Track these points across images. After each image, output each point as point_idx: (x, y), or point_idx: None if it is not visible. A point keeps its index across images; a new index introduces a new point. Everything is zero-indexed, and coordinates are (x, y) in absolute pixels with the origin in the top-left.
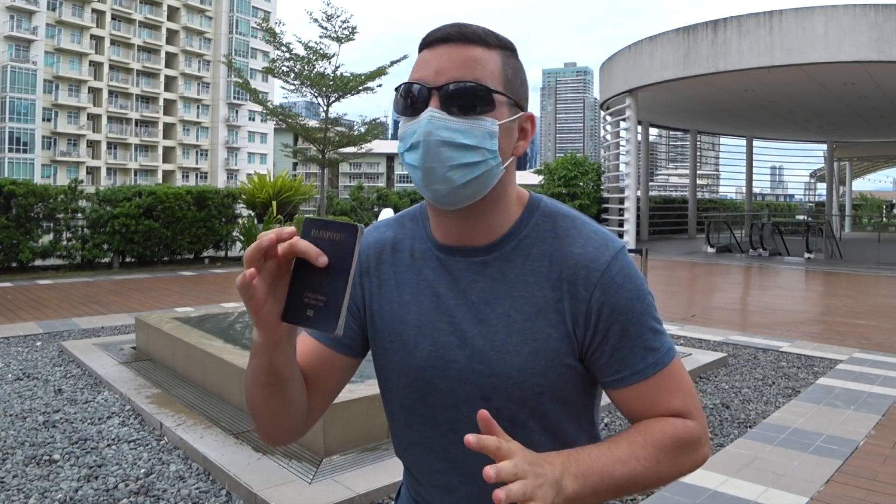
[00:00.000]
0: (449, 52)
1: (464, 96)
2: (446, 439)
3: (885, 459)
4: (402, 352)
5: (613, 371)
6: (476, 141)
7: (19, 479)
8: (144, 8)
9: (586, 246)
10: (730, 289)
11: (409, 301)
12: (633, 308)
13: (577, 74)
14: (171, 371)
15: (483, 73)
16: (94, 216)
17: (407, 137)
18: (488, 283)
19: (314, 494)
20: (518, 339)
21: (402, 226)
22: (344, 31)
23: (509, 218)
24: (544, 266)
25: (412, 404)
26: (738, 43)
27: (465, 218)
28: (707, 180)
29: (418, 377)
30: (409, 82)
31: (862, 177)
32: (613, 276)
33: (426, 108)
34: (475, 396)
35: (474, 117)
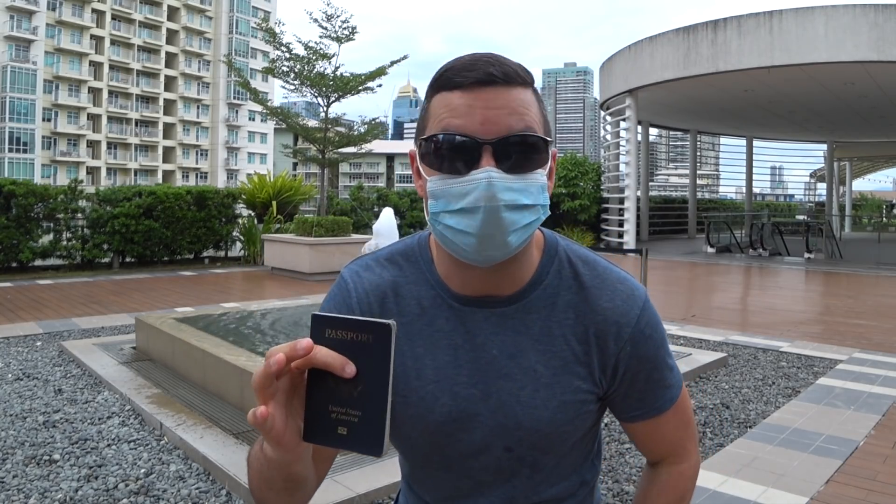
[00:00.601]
0: (495, 96)
1: (522, 152)
2: (461, 482)
3: (885, 459)
4: (418, 406)
5: (632, 409)
6: (534, 199)
7: (19, 479)
8: (144, 8)
9: (614, 300)
10: (730, 289)
11: (422, 354)
12: (657, 356)
13: (577, 74)
14: (171, 371)
15: (532, 120)
16: (94, 216)
17: (452, 198)
18: (510, 336)
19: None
20: (546, 393)
21: (400, 267)
22: (344, 31)
23: (531, 264)
24: (570, 318)
25: (427, 453)
26: (738, 43)
27: (491, 271)
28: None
29: (437, 430)
30: (453, 133)
31: (862, 177)
32: (643, 329)
33: (478, 167)
34: (497, 447)
35: (530, 172)
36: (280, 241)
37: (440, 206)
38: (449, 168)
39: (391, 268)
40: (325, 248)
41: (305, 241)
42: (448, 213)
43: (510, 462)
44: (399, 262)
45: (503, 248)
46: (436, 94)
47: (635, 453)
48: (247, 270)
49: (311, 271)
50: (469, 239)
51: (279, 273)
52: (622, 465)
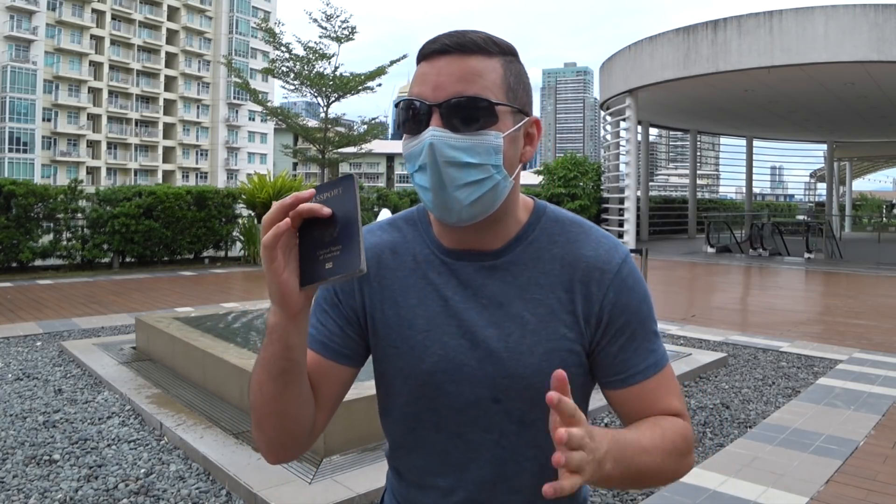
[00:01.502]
0: (447, 64)
1: (465, 112)
2: (450, 443)
3: (885, 459)
4: (409, 356)
5: (616, 371)
6: (480, 158)
7: (19, 479)
8: (144, 8)
9: (597, 249)
10: (730, 289)
11: (415, 305)
12: (640, 309)
13: (577, 74)
14: (171, 371)
15: (484, 84)
16: (94, 216)
17: (413, 158)
18: (499, 286)
19: (314, 494)
20: (533, 339)
21: (399, 230)
22: (343, 31)
23: (517, 223)
24: (556, 268)
25: (417, 410)
26: (738, 43)
27: (476, 230)
28: (707, 180)
29: (426, 381)
30: (409, 98)
31: (862, 177)
32: (624, 278)
33: (427, 127)
34: (486, 398)
35: (478, 133)
36: None
37: (410, 166)
38: (411, 130)
39: (392, 231)
40: None
41: None
42: (415, 172)
43: (499, 416)
44: (400, 226)
45: (455, 202)
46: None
47: None
48: (247, 270)
49: None
50: (428, 194)
51: None
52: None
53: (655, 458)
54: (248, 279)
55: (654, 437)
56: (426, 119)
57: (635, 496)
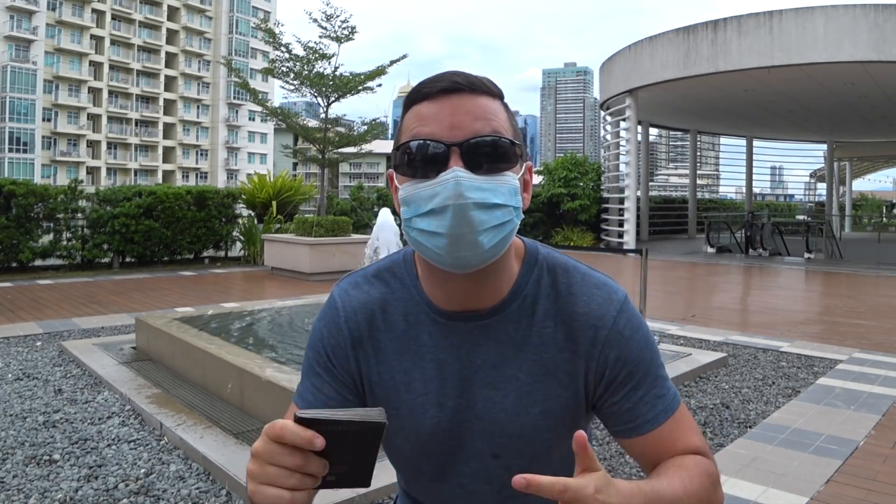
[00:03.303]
0: (461, 103)
1: (490, 152)
2: (453, 493)
3: (885, 459)
4: (408, 419)
5: (625, 421)
6: (504, 199)
7: (19, 479)
8: (144, 8)
9: (590, 304)
10: (730, 289)
11: (410, 368)
12: (642, 358)
13: (577, 74)
14: (171, 371)
15: (499, 125)
16: (94, 216)
17: (422, 201)
18: (493, 346)
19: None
20: (529, 400)
21: (387, 284)
22: (343, 30)
23: (510, 275)
24: (549, 327)
25: (419, 463)
26: (738, 43)
27: (472, 281)
28: (707, 180)
29: (428, 441)
30: (422, 139)
31: (862, 177)
32: (621, 330)
33: (447, 169)
34: (485, 454)
35: (500, 174)
36: (280, 241)
37: (411, 211)
38: (419, 174)
39: (379, 285)
40: (325, 248)
41: (305, 241)
42: (419, 216)
43: (499, 470)
44: (386, 279)
45: (475, 248)
46: (407, 109)
47: None
48: (247, 270)
49: (311, 271)
50: (440, 240)
51: (279, 273)
52: (622, 465)
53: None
54: (248, 279)
55: (684, 483)
56: (444, 159)
57: None
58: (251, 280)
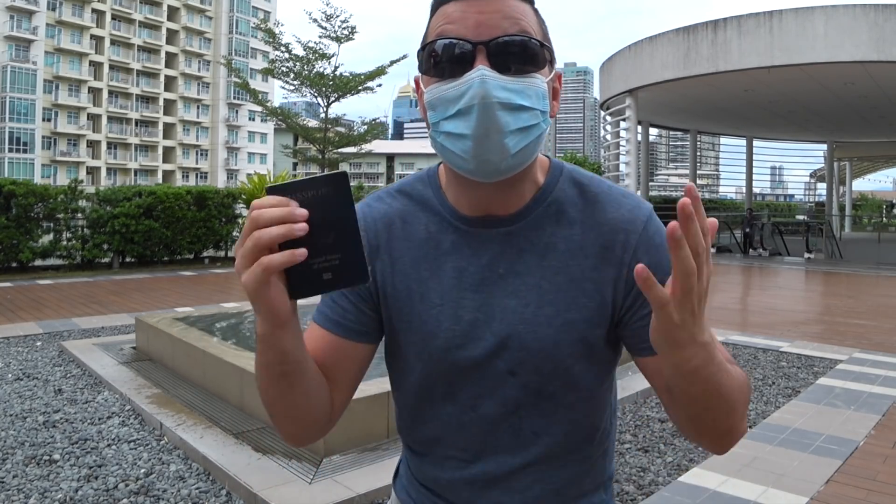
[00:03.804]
0: (489, 2)
1: (517, 52)
2: (465, 416)
3: (885, 459)
4: (422, 332)
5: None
6: (532, 101)
7: (19, 479)
8: (144, 8)
9: (620, 209)
10: (730, 289)
11: (427, 278)
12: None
13: (577, 74)
14: (171, 371)
15: (527, 26)
16: (94, 216)
17: (448, 103)
18: (516, 254)
19: (314, 494)
20: (550, 310)
21: (409, 196)
22: (343, 30)
23: (535, 184)
24: (576, 234)
25: (431, 383)
26: (738, 43)
27: (497, 188)
28: (707, 180)
29: (441, 357)
30: (447, 38)
31: (862, 177)
32: (651, 236)
33: (473, 68)
34: (502, 371)
35: (528, 75)
36: None
37: (438, 114)
38: (445, 74)
39: (401, 198)
40: None
41: None
42: (445, 119)
43: (515, 390)
44: (409, 193)
45: (501, 151)
46: (435, 11)
47: (635, 453)
48: None
49: None
50: (465, 143)
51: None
52: (622, 465)
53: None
54: None
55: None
56: (470, 59)
57: (635, 496)
58: None
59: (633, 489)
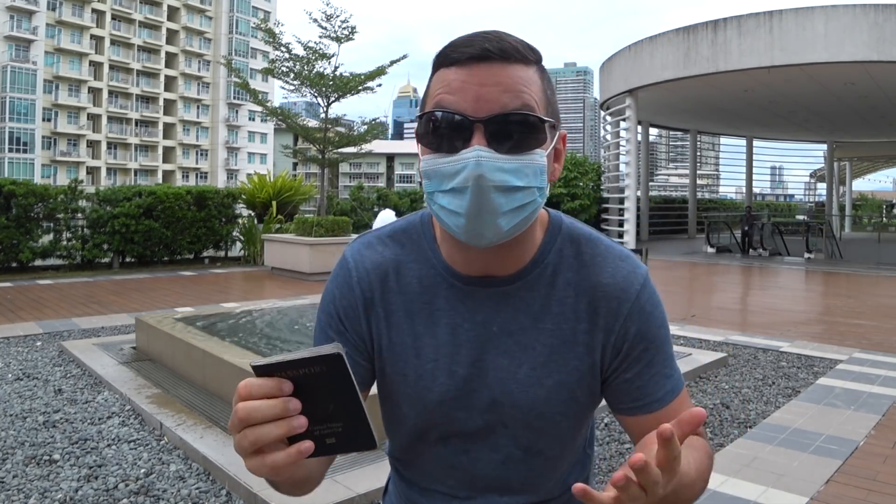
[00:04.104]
0: (490, 73)
1: (517, 129)
2: (456, 459)
3: (885, 459)
4: (416, 385)
5: (633, 398)
6: (528, 181)
7: (19, 479)
8: (144, 8)
9: (615, 275)
10: (730, 289)
11: (422, 333)
12: (659, 335)
13: (577, 74)
14: (171, 371)
15: (530, 98)
16: (94, 216)
17: (444, 178)
18: (511, 314)
19: (314, 494)
20: (543, 372)
21: (402, 245)
22: (343, 31)
23: (533, 244)
24: (570, 297)
25: (423, 431)
26: (738, 43)
27: (494, 252)
28: (707, 180)
29: (435, 409)
30: (446, 111)
31: (862, 177)
32: (643, 305)
33: (469, 146)
34: (495, 423)
35: (527, 152)
36: (280, 241)
37: (433, 185)
38: (441, 147)
39: (393, 245)
40: (324, 248)
41: (305, 241)
42: (441, 192)
43: (506, 440)
44: (401, 240)
45: (494, 230)
46: (435, 71)
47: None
48: (247, 270)
49: (311, 271)
50: (459, 220)
51: (279, 273)
52: (622, 466)
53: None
54: (248, 279)
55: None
56: (467, 136)
57: None
58: (251, 280)
59: None
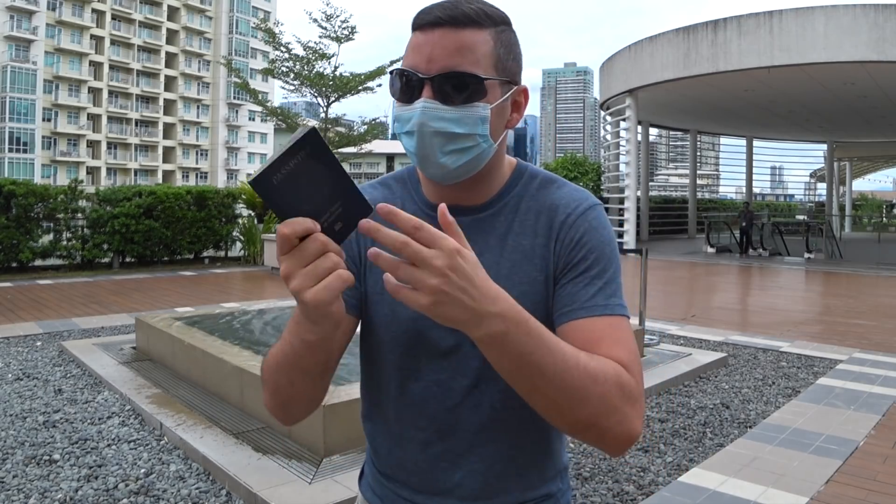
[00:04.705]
0: (441, 38)
1: (455, 86)
2: (428, 392)
3: (885, 459)
4: (392, 303)
5: (564, 304)
6: (467, 129)
7: (19, 479)
8: (144, 8)
9: (568, 197)
10: (730, 289)
11: None
12: (602, 250)
13: (577, 74)
14: (171, 371)
15: (475, 58)
16: (94, 216)
17: (402, 122)
18: (481, 238)
19: (314, 494)
20: (507, 283)
21: (389, 188)
22: (343, 30)
23: (501, 180)
24: (531, 218)
25: (398, 358)
26: (738, 43)
27: (460, 187)
28: (707, 180)
29: (409, 327)
30: (403, 69)
31: (862, 177)
32: (590, 220)
33: (419, 97)
34: (465, 342)
35: (467, 106)
36: None
37: (398, 128)
38: (402, 98)
39: (382, 189)
40: None
41: None
42: (402, 134)
43: (476, 361)
44: (390, 184)
45: (440, 168)
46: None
47: (635, 453)
48: (247, 270)
49: None
50: (414, 157)
51: (279, 273)
52: (622, 465)
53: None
54: (248, 279)
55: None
56: (419, 89)
57: (635, 496)
58: (251, 280)
59: (633, 489)
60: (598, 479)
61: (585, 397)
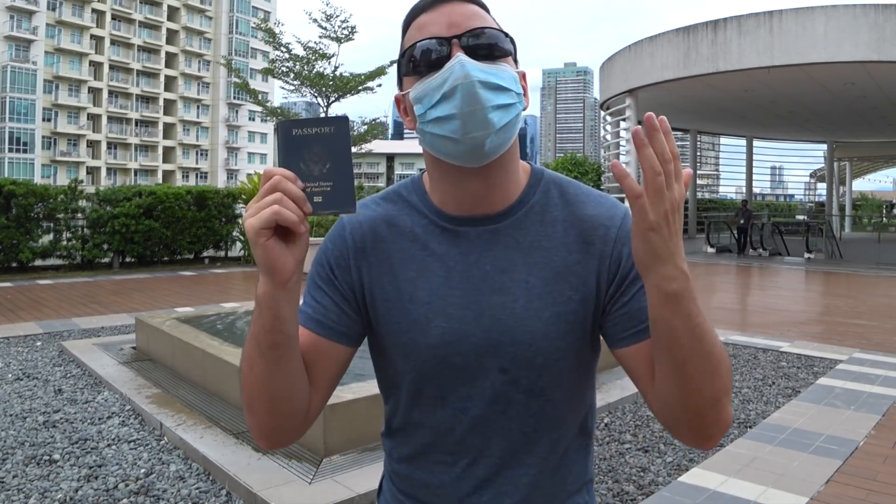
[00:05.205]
0: (454, 8)
1: (487, 41)
2: (455, 419)
3: (885, 459)
4: (412, 332)
5: (634, 322)
6: (507, 83)
7: (19, 479)
8: (144, 8)
9: (598, 207)
10: (730, 289)
11: (414, 277)
12: None
13: (577, 74)
14: (171, 371)
15: (492, 21)
16: (94, 216)
17: (433, 91)
18: (502, 251)
19: (314, 494)
20: (539, 304)
21: (394, 202)
22: (343, 31)
23: (518, 186)
24: (559, 231)
25: (420, 387)
26: (738, 43)
27: (484, 179)
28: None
29: (431, 356)
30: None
31: (862, 177)
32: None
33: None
34: (492, 369)
35: (499, 61)
36: None
37: (424, 105)
38: (426, 70)
39: (386, 204)
40: None
41: None
42: (431, 107)
43: (505, 387)
44: (394, 199)
45: (486, 126)
46: (407, 28)
47: (635, 453)
48: (247, 270)
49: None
50: (453, 123)
51: None
52: (622, 465)
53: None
54: (248, 279)
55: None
56: (447, 52)
57: (635, 496)
58: (251, 280)
59: (633, 489)
60: (598, 479)
61: (723, 370)
